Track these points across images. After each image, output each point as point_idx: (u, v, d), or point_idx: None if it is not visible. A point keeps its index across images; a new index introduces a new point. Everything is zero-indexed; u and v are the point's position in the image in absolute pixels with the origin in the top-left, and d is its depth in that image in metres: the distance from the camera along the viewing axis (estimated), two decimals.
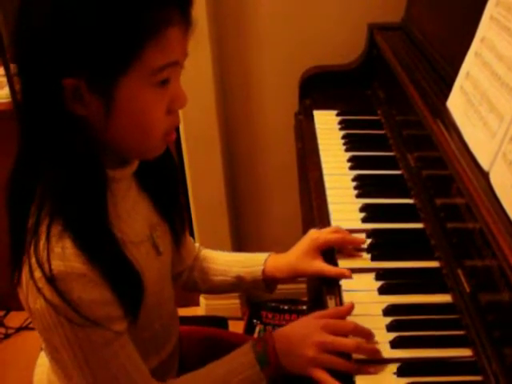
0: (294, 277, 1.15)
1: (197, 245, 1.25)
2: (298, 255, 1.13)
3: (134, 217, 0.95)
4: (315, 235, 1.14)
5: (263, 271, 1.16)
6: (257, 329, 2.27)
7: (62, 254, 0.79)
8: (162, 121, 0.85)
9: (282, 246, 1.21)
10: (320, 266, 1.10)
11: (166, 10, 0.78)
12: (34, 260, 0.80)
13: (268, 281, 1.18)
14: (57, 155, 0.81)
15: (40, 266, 0.79)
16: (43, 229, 0.81)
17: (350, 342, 0.93)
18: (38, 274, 0.79)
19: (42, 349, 1.13)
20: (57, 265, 0.79)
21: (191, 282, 1.23)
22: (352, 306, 0.98)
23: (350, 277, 1.07)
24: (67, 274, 0.79)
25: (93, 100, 0.79)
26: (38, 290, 0.79)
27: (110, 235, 0.85)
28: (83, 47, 0.75)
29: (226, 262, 1.21)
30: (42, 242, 0.80)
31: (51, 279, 0.79)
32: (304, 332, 0.95)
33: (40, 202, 0.82)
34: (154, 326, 1.02)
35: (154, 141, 0.87)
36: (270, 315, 2.33)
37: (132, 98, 0.80)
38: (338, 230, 1.15)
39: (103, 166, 0.86)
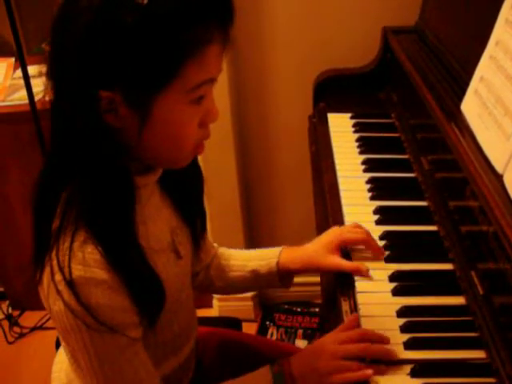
0: (308, 269, 1.15)
1: (215, 244, 1.25)
2: (318, 248, 1.13)
3: (156, 222, 0.95)
4: (338, 231, 1.14)
5: (277, 263, 1.16)
6: (269, 331, 2.28)
7: (83, 259, 0.80)
8: (194, 134, 0.86)
9: None
10: (338, 260, 1.10)
11: (207, 29, 0.78)
12: (55, 263, 0.81)
13: (282, 273, 1.17)
14: (86, 162, 0.81)
15: (61, 269, 0.80)
16: (68, 233, 0.81)
17: (359, 345, 0.93)
18: (58, 276, 0.80)
19: (59, 347, 1.14)
20: (77, 269, 0.80)
21: (207, 280, 1.23)
22: (355, 317, 0.99)
23: (366, 274, 1.07)
24: (87, 280, 0.80)
25: (128, 113, 0.79)
26: (58, 292, 0.80)
27: (135, 244, 0.86)
28: (123, 63, 0.75)
29: (241, 257, 1.22)
30: (65, 246, 0.81)
31: (70, 283, 0.79)
32: (317, 349, 0.96)
33: (65, 206, 0.83)
34: (172, 328, 1.02)
35: (185, 153, 0.88)
36: (282, 317, 2.33)
37: (167, 114, 0.81)
38: (358, 226, 1.15)
39: (131, 174, 0.86)
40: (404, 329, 0.96)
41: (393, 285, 1.05)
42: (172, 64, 0.76)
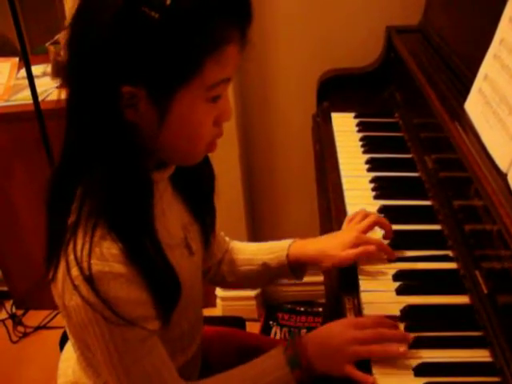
0: (319, 262, 1.14)
1: (227, 238, 1.26)
2: (335, 244, 1.12)
3: (169, 218, 0.97)
4: (356, 234, 1.12)
5: (287, 256, 1.17)
6: (273, 330, 2.28)
7: (101, 254, 0.81)
8: (208, 132, 0.88)
9: None
10: (349, 251, 1.09)
11: (227, 29, 0.80)
12: (71, 258, 0.81)
13: (293, 266, 1.18)
14: (104, 157, 0.82)
15: (78, 264, 0.80)
16: (88, 229, 0.82)
17: (375, 329, 0.94)
18: (75, 271, 0.81)
19: (63, 346, 1.14)
20: (95, 264, 0.80)
21: (219, 275, 1.24)
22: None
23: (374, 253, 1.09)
24: (105, 274, 0.80)
25: (148, 109, 0.81)
26: (75, 287, 0.81)
27: (153, 238, 0.87)
28: (146, 60, 0.77)
29: (251, 251, 1.23)
30: (82, 241, 0.81)
31: (89, 278, 0.80)
32: (336, 332, 0.96)
33: (82, 201, 0.84)
34: (182, 326, 1.03)
35: (198, 150, 0.90)
36: (286, 317, 2.33)
37: (186, 111, 0.83)
38: (367, 214, 1.17)
39: (147, 169, 0.88)
40: (408, 328, 0.96)
41: (397, 284, 1.05)
42: (193, 61, 0.78)
